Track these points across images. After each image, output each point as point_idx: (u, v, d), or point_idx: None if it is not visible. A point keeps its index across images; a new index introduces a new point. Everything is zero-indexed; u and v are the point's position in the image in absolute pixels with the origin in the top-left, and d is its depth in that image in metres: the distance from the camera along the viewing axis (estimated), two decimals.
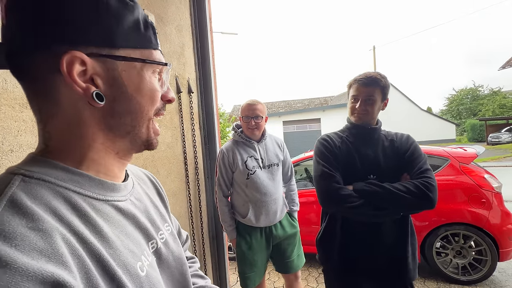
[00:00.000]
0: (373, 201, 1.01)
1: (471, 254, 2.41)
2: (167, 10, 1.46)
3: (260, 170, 1.58)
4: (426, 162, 1.07)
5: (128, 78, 0.34)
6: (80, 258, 0.27)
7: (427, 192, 0.98)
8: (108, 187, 0.36)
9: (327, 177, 1.08)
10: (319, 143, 1.20)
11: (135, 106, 0.35)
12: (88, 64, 0.31)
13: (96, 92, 0.32)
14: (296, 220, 1.76)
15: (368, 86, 1.10)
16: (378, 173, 1.08)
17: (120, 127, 0.35)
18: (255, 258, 1.58)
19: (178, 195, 1.53)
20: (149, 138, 0.39)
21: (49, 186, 0.30)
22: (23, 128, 0.77)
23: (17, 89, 0.76)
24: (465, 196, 2.40)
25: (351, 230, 1.12)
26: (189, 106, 1.65)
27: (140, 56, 0.35)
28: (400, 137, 1.16)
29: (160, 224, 0.46)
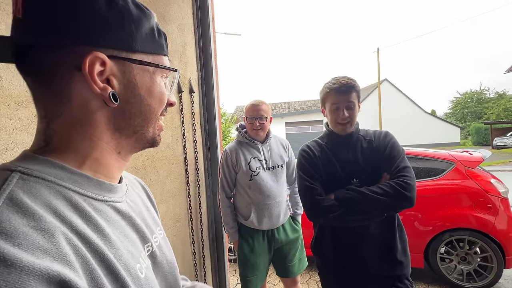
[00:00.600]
0: (354, 207, 1.02)
1: (476, 261, 2.36)
2: (169, 8, 1.44)
3: (264, 172, 1.55)
4: (403, 160, 1.07)
5: (141, 81, 0.36)
6: (84, 258, 0.27)
7: (403, 191, 0.98)
8: (106, 188, 0.36)
9: (308, 190, 1.10)
10: (300, 154, 1.21)
11: (146, 107, 0.37)
12: (107, 65, 0.32)
13: (113, 92, 0.33)
14: (299, 224, 1.72)
15: (346, 93, 1.09)
16: (361, 176, 1.09)
17: (129, 127, 0.37)
18: (257, 261, 1.56)
19: (178, 196, 1.51)
20: (154, 136, 0.40)
21: (49, 185, 0.29)
22: (19, 127, 0.76)
23: (12, 86, 0.74)
24: (471, 201, 2.34)
25: (340, 235, 1.13)
26: (190, 106, 1.64)
27: (153, 61, 0.37)
28: (378, 136, 1.16)
29: (153, 228, 0.46)
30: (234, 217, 1.60)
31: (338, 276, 1.16)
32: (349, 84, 1.10)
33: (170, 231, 1.43)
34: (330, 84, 1.13)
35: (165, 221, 1.39)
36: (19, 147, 0.75)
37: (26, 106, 0.77)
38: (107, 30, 0.32)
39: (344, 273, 1.14)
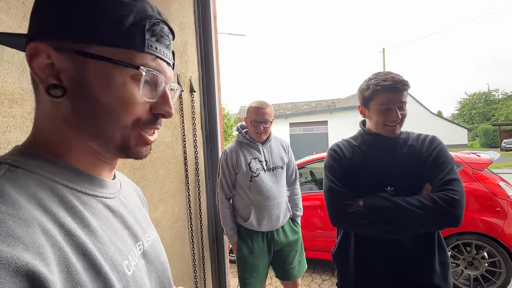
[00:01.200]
0: (384, 217, 0.90)
1: (483, 266, 2.29)
2: (169, 7, 1.43)
3: (264, 173, 1.53)
4: (451, 171, 0.91)
5: (95, 77, 0.32)
6: (62, 251, 0.26)
7: (447, 207, 0.83)
8: (97, 183, 0.36)
9: (334, 194, 0.99)
10: (328, 154, 1.09)
11: (99, 108, 0.33)
12: (53, 57, 0.31)
13: (51, 85, 0.31)
14: (298, 226, 1.69)
15: (399, 92, 0.94)
16: (396, 184, 0.96)
17: (87, 128, 0.34)
18: (257, 263, 1.53)
19: (177, 196, 1.49)
20: (125, 146, 0.36)
21: (36, 178, 0.29)
22: (12, 124, 0.75)
23: (6, 84, 0.73)
24: (478, 204, 2.28)
25: (365, 247, 1.01)
26: (191, 105, 1.62)
27: (115, 56, 0.32)
28: (422, 141, 1.01)
29: (146, 227, 0.45)
30: (233, 218, 1.58)
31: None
32: (403, 81, 0.95)
33: (169, 231, 1.42)
34: (380, 81, 0.96)
35: (163, 221, 1.38)
36: (12, 145, 0.74)
37: (20, 104, 0.76)
38: (55, 19, 0.31)
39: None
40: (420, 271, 0.96)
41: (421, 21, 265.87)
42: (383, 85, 0.95)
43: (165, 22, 0.37)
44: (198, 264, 1.65)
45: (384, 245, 0.97)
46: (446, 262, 0.98)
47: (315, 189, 3.26)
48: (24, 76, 0.78)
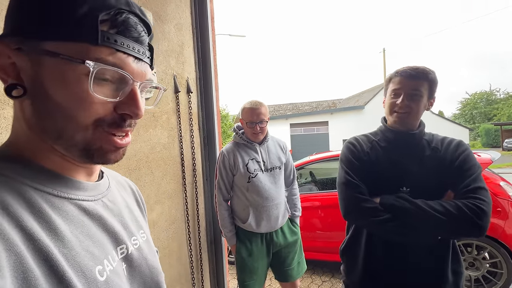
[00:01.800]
0: (402, 218, 0.86)
1: (485, 267, 2.27)
2: (166, 8, 1.43)
3: (262, 173, 1.52)
4: (478, 178, 0.86)
5: (50, 75, 0.30)
6: (18, 255, 0.25)
7: (473, 216, 0.79)
8: (72, 185, 0.35)
9: (350, 187, 0.95)
10: (345, 146, 1.06)
11: (56, 109, 0.31)
12: (13, 57, 0.30)
13: (9, 85, 0.30)
14: (297, 226, 1.68)
15: (414, 79, 0.92)
16: (413, 186, 0.92)
17: (48, 130, 0.32)
18: (256, 265, 1.52)
19: (174, 198, 1.48)
20: (89, 149, 0.33)
21: (2, 180, 0.29)
22: (4, 126, 0.74)
23: None
24: None
25: (376, 247, 0.98)
26: (188, 106, 1.61)
27: (66, 52, 0.29)
28: (447, 144, 0.97)
29: (134, 230, 0.44)
30: (231, 220, 1.57)
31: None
32: (421, 70, 0.92)
33: (166, 233, 1.41)
34: (400, 68, 0.96)
35: (160, 223, 1.37)
36: None
37: (12, 105, 0.76)
38: (14, 17, 0.30)
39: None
40: (431, 279, 0.92)
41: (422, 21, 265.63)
42: (399, 71, 0.96)
43: (134, 12, 0.33)
44: (196, 266, 1.64)
45: (395, 248, 0.93)
46: (460, 271, 0.94)
47: (314, 190, 3.25)
48: None
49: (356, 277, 1.02)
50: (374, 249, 0.98)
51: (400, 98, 0.94)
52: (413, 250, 0.92)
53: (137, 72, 0.34)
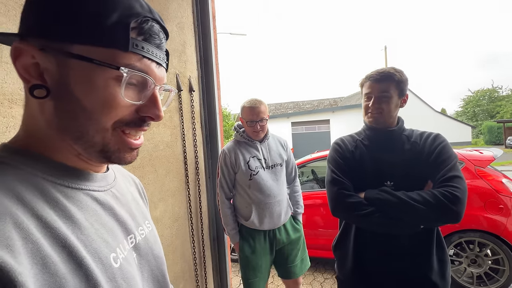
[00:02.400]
0: (384, 210, 0.92)
1: (487, 263, 2.27)
2: (168, 7, 1.44)
3: (263, 171, 1.53)
4: (453, 168, 0.92)
5: (78, 78, 0.31)
6: (35, 243, 0.26)
7: (448, 203, 0.84)
8: (83, 177, 0.36)
9: (336, 184, 1.02)
10: (332, 147, 1.14)
11: (81, 111, 0.32)
12: (37, 58, 0.30)
13: (33, 85, 0.31)
14: (300, 223, 1.69)
15: (381, 82, 1.00)
16: (396, 180, 0.98)
17: (69, 130, 0.33)
18: (259, 262, 1.53)
19: (177, 195, 1.50)
20: (107, 151, 0.35)
21: (17, 172, 0.30)
22: (12, 125, 0.76)
23: (6, 84, 0.74)
24: (481, 202, 2.26)
25: (364, 240, 1.03)
26: (190, 105, 1.63)
27: (97, 56, 0.30)
28: (425, 138, 1.02)
29: (140, 220, 0.45)
30: (234, 218, 1.58)
31: (356, 285, 1.06)
32: (387, 73, 1.00)
33: (169, 230, 1.42)
34: (369, 73, 1.05)
35: (164, 220, 1.39)
36: None
37: (20, 104, 0.77)
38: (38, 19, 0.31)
39: (364, 283, 1.04)
40: (418, 267, 0.97)
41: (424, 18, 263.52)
42: (368, 75, 1.05)
43: (156, 20, 0.35)
44: (199, 263, 1.66)
45: (382, 240, 0.99)
46: (445, 259, 0.99)
47: (316, 188, 3.25)
48: None
49: (348, 270, 1.08)
50: (363, 242, 1.04)
51: (371, 101, 1.02)
52: (399, 241, 0.97)
53: (158, 77, 0.36)
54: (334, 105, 21.36)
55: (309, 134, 17.70)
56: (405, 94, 1.04)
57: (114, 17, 0.31)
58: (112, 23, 0.31)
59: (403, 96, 1.03)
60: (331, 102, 23.54)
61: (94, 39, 0.30)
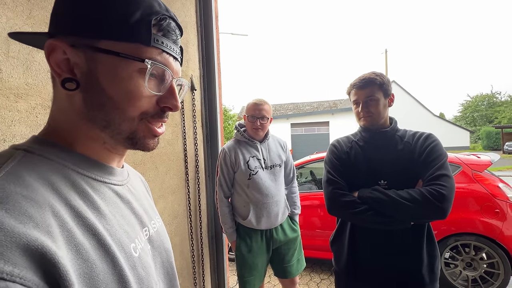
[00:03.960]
0: (376, 208, 0.97)
1: (482, 267, 2.29)
2: (171, 6, 1.45)
3: (262, 171, 1.54)
4: (442, 167, 0.96)
5: (104, 71, 0.34)
6: (70, 231, 0.28)
7: (434, 201, 0.89)
8: (106, 170, 0.38)
9: (331, 183, 1.08)
10: (329, 148, 1.20)
11: (106, 101, 0.35)
12: (68, 53, 0.33)
13: (64, 79, 0.33)
14: (297, 224, 1.71)
15: (364, 88, 1.07)
16: (390, 179, 1.03)
17: (97, 119, 0.35)
18: (255, 261, 1.54)
19: (177, 193, 1.51)
20: (133, 137, 0.37)
21: (49, 163, 0.31)
22: (17, 119, 0.77)
23: (12, 78, 0.75)
24: (477, 206, 2.28)
25: (358, 236, 1.09)
26: (191, 103, 1.64)
27: (122, 50, 0.33)
28: (417, 138, 1.07)
29: (152, 214, 0.48)
30: (232, 217, 1.59)
31: (351, 279, 1.12)
32: (368, 79, 1.06)
33: (169, 227, 1.44)
34: (353, 81, 1.12)
35: (163, 217, 1.40)
36: (17, 138, 0.76)
37: (25, 98, 0.79)
38: (69, 17, 0.33)
39: (358, 277, 1.09)
40: (408, 261, 1.02)
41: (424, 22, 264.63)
42: (352, 83, 1.11)
43: (173, 18, 0.38)
44: (197, 261, 1.67)
45: (375, 235, 1.04)
46: (434, 254, 1.04)
47: (314, 189, 3.27)
48: (29, 71, 0.80)
49: (343, 264, 1.14)
50: (357, 238, 1.10)
51: (360, 106, 1.09)
52: (391, 236, 1.02)
53: (175, 70, 0.39)
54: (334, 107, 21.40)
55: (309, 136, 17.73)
56: (390, 93, 1.10)
57: (137, 15, 0.34)
58: (135, 20, 0.34)
59: (388, 96, 1.09)
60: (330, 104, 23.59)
61: (120, 35, 0.33)
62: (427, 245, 1.03)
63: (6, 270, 0.21)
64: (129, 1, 0.34)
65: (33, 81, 0.80)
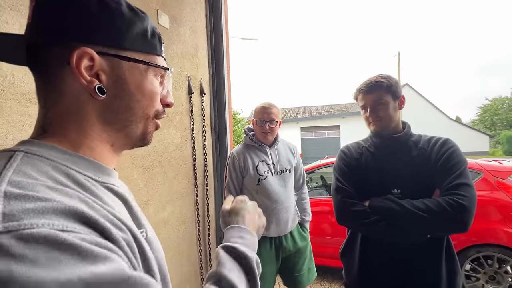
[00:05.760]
0: (388, 219, 0.90)
1: (507, 281, 2.15)
2: (181, 11, 1.46)
3: (272, 176, 1.51)
4: (462, 175, 0.89)
5: (131, 77, 0.38)
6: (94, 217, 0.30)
7: (453, 212, 0.82)
8: (104, 171, 0.39)
9: (340, 192, 1.03)
10: (338, 154, 1.15)
11: (135, 103, 0.39)
12: (96, 60, 0.35)
13: (99, 86, 0.36)
14: (307, 231, 1.65)
15: (371, 92, 1.02)
16: (404, 187, 0.96)
17: (118, 121, 0.39)
18: (264, 270, 1.50)
19: (185, 198, 1.50)
20: (144, 134, 0.42)
21: (51, 163, 0.32)
22: (28, 123, 0.78)
23: (24, 83, 0.76)
24: (501, 215, 2.15)
25: (370, 249, 1.02)
26: (201, 107, 1.64)
27: (144, 59, 0.39)
28: (433, 143, 0.99)
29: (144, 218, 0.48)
30: None
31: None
32: (374, 83, 1.01)
33: (176, 232, 1.42)
34: (359, 85, 1.07)
35: (171, 222, 1.39)
36: None
37: (36, 103, 0.79)
38: (98, 28, 0.35)
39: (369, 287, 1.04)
40: (425, 277, 0.94)
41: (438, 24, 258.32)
42: (358, 89, 1.06)
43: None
44: (204, 266, 1.65)
45: (388, 247, 0.97)
46: (455, 270, 0.96)
47: (325, 194, 3.19)
48: None
49: (354, 276, 1.07)
50: (369, 251, 1.03)
51: (368, 111, 1.03)
52: (405, 249, 0.95)
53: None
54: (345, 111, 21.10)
55: (319, 140, 17.53)
56: (400, 95, 1.03)
57: (150, 30, 0.40)
58: (151, 35, 0.40)
59: (398, 98, 1.03)
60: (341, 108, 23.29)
61: (143, 47, 0.39)
62: (446, 260, 0.95)
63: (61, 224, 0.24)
64: (143, 16, 0.39)
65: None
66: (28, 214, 0.23)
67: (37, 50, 0.36)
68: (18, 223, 0.22)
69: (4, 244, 0.21)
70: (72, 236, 0.24)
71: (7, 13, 0.75)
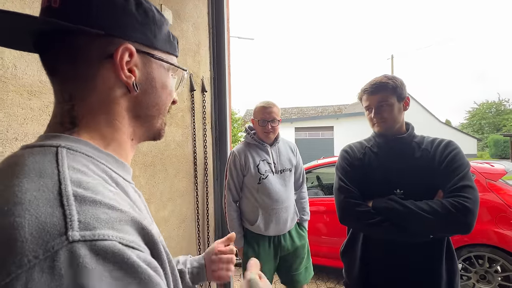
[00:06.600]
0: (392, 219, 0.91)
1: (496, 280, 2.21)
2: (184, 7, 1.44)
3: (273, 175, 1.51)
4: (465, 177, 0.89)
5: (158, 75, 0.40)
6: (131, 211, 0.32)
7: (457, 214, 0.83)
8: (127, 170, 0.40)
9: (343, 192, 1.02)
10: (340, 154, 1.14)
11: (159, 99, 0.41)
12: (133, 56, 0.36)
13: (136, 82, 0.37)
14: (305, 230, 1.66)
15: (376, 93, 1.01)
16: (406, 188, 0.97)
17: (144, 116, 0.40)
18: (262, 268, 1.49)
19: (185, 196, 1.48)
20: (160, 129, 0.44)
21: (91, 160, 0.32)
22: (30, 117, 0.75)
23: (26, 75, 0.74)
24: (491, 216, 2.21)
25: (372, 248, 1.03)
26: (202, 105, 1.62)
27: (166, 59, 0.41)
28: (436, 145, 1.00)
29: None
30: (240, 222, 1.55)
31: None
32: (379, 84, 1.01)
33: (176, 231, 1.40)
34: (364, 86, 1.06)
35: (171, 220, 1.37)
36: (29, 137, 0.74)
37: (39, 96, 0.77)
38: (136, 26, 0.37)
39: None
40: (426, 277, 0.95)
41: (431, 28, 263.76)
42: (363, 89, 1.06)
43: None
44: None
45: (390, 247, 0.98)
46: (454, 270, 0.97)
47: (320, 194, 3.21)
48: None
49: (355, 277, 1.08)
50: (371, 251, 1.03)
51: (372, 112, 1.03)
52: (406, 249, 0.95)
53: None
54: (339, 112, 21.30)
55: (312, 140, 17.63)
56: (405, 96, 1.03)
57: (171, 33, 0.43)
58: (172, 37, 0.43)
59: (403, 99, 1.03)
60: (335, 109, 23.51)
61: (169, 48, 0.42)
62: (447, 260, 0.96)
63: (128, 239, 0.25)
64: (166, 20, 0.41)
65: (47, 78, 0.79)
66: (100, 223, 0.24)
67: (71, 40, 0.33)
68: (92, 233, 0.23)
69: (80, 255, 0.22)
70: (135, 256, 0.25)
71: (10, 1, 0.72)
